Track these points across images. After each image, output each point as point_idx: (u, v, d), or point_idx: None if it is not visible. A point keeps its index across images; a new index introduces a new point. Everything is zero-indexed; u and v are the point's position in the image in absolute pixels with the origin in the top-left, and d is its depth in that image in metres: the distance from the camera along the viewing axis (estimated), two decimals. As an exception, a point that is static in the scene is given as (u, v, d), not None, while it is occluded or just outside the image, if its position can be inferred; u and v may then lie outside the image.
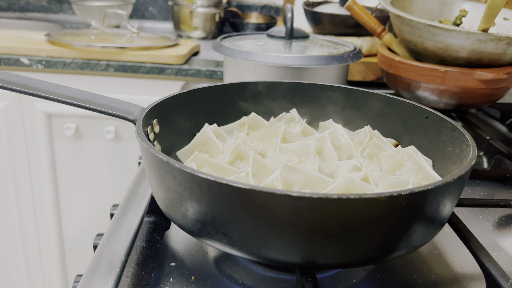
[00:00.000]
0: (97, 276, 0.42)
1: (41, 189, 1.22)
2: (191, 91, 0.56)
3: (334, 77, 0.80)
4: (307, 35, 0.85)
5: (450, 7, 0.90)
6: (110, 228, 0.50)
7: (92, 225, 1.26)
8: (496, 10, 0.65)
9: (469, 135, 0.45)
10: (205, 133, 0.53)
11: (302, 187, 0.43)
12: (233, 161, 0.50)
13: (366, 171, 0.46)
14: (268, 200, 0.33)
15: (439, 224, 0.39)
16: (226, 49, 0.79)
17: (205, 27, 1.44)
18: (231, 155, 0.50)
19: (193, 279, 0.42)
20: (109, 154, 1.20)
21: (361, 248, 0.36)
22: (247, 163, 0.49)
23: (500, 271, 0.39)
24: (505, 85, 0.75)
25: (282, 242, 0.34)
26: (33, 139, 1.17)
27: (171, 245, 0.47)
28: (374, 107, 0.59)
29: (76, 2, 1.46)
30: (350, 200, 0.32)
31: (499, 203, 0.53)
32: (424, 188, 0.34)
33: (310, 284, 0.36)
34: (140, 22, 1.68)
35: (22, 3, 1.71)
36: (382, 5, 0.82)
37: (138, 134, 0.41)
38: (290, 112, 0.60)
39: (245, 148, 0.50)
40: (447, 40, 0.72)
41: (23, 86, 0.46)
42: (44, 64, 1.11)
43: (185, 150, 0.53)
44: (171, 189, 0.38)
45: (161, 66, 1.11)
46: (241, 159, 0.50)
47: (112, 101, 0.48)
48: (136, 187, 0.59)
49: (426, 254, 0.47)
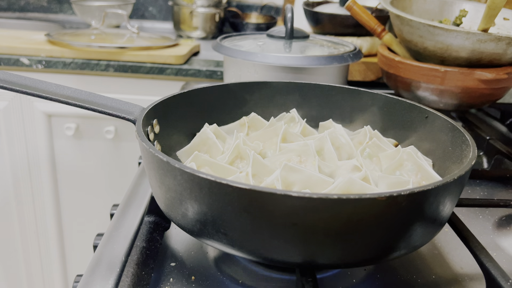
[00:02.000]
0: (97, 276, 0.42)
1: (41, 189, 1.22)
2: (191, 91, 0.56)
3: (334, 77, 0.80)
4: (307, 35, 0.85)
5: (450, 7, 0.90)
6: (110, 228, 0.50)
7: (92, 225, 1.26)
8: (496, 10, 0.65)
9: (469, 135, 0.45)
10: (205, 133, 0.53)
11: (302, 187, 0.43)
12: (233, 161, 0.50)
13: (366, 171, 0.46)
14: (268, 200, 0.33)
15: (439, 224, 0.39)
16: (226, 49, 0.79)
17: (205, 27, 1.44)
18: (231, 155, 0.50)
19: (193, 279, 0.42)
20: (109, 154, 1.20)
21: (361, 248, 0.36)
22: (247, 163, 0.49)
23: (500, 271, 0.39)
24: (505, 85, 0.75)
25: (282, 242, 0.34)
26: (33, 139, 1.17)
27: (171, 245, 0.47)
28: (374, 107, 0.59)
29: (76, 2, 1.46)
30: (350, 200, 0.32)
31: (499, 203, 0.53)
32: (424, 188, 0.34)
33: (310, 284, 0.36)
34: (140, 22, 1.68)
35: (22, 3, 1.71)
36: (382, 5, 0.82)
37: (138, 134, 0.41)
38: (290, 112, 0.60)
39: (245, 148, 0.50)
40: (447, 40, 0.72)
41: (23, 86, 0.46)
42: (44, 64, 1.11)
43: (185, 150, 0.53)
44: (171, 189, 0.38)
45: (161, 66, 1.11)
46: (241, 159, 0.50)
47: (112, 101, 0.48)
48: (136, 187, 0.59)
49: (426, 254, 0.47)
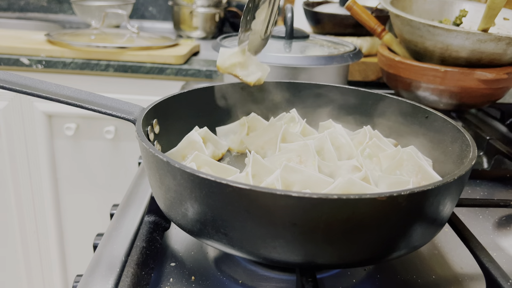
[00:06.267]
0: (97, 276, 0.42)
1: (41, 189, 1.22)
2: (191, 91, 0.56)
3: (334, 77, 0.80)
4: (307, 35, 0.85)
5: (450, 7, 0.90)
6: (110, 228, 0.50)
7: (92, 225, 1.26)
8: (496, 10, 0.65)
9: (469, 135, 0.45)
10: (192, 137, 0.53)
11: (302, 187, 0.43)
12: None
13: (366, 171, 0.46)
14: (268, 200, 0.33)
15: (439, 224, 0.39)
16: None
17: (205, 27, 1.44)
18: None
19: (193, 279, 0.42)
20: (109, 154, 1.20)
21: (361, 248, 0.36)
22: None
23: (500, 271, 0.39)
24: (505, 85, 0.75)
25: (282, 242, 0.34)
26: (33, 139, 1.17)
27: (171, 245, 0.47)
28: (374, 107, 0.59)
29: (76, 2, 1.46)
30: (350, 200, 0.32)
31: (499, 203, 0.53)
32: (424, 188, 0.34)
33: (310, 284, 0.36)
34: (140, 22, 1.68)
35: (22, 3, 1.71)
36: (382, 5, 0.82)
37: (138, 134, 0.41)
38: (290, 112, 0.60)
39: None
40: (447, 40, 0.72)
41: (23, 86, 0.46)
42: (44, 64, 1.11)
43: (172, 153, 0.53)
44: (171, 189, 0.38)
45: (161, 66, 1.11)
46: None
47: (112, 101, 0.48)
48: (136, 187, 0.59)
49: (426, 254, 0.47)
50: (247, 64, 0.52)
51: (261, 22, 0.48)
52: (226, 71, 0.52)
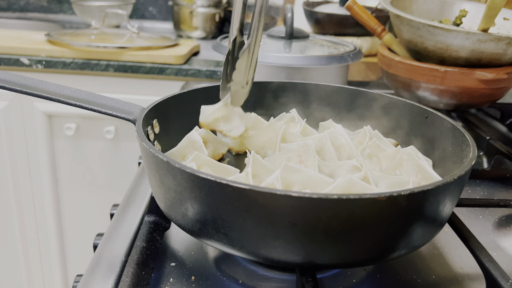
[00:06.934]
0: (97, 276, 0.42)
1: (41, 189, 1.22)
2: (191, 91, 0.56)
3: (334, 77, 0.80)
4: (307, 35, 0.85)
5: (450, 7, 0.90)
6: (110, 228, 0.50)
7: (92, 225, 1.26)
8: (496, 10, 0.65)
9: (469, 135, 0.45)
10: (192, 136, 0.53)
11: (302, 187, 0.43)
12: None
13: (366, 171, 0.46)
14: (268, 200, 0.33)
15: (439, 224, 0.39)
16: (226, 49, 0.79)
17: (205, 27, 1.45)
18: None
19: (193, 279, 0.42)
20: (109, 154, 1.20)
21: (361, 248, 0.36)
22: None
23: (500, 271, 0.39)
24: (505, 85, 0.75)
25: (282, 242, 0.34)
26: (33, 139, 1.17)
27: (171, 245, 0.47)
28: (374, 107, 0.59)
29: (76, 2, 1.46)
30: (350, 200, 0.32)
31: (499, 203, 0.53)
32: (424, 188, 0.34)
33: (310, 284, 0.36)
34: (140, 22, 1.68)
35: (22, 3, 1.71)
36: (382, 5, 0.82)
37: (138, 134, 0.41)
38: (290, 112, 0.60)
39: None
40: (447, 40, 0.72)
41: (23, 86, 0.46)
42: (44, 64, 1.11)
43: (172, 153, 0.53)
44: (171, 189, 0.38)
45: (161, 66, 1.11)
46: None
47: (112, 101, 0.48)
48: (136, 187, 0.59)
49: (426, 254, 0.47)
50: (231, 118, 0.52)
51: (242, 72, 0.48)
52: (209, 127, 0.53)
